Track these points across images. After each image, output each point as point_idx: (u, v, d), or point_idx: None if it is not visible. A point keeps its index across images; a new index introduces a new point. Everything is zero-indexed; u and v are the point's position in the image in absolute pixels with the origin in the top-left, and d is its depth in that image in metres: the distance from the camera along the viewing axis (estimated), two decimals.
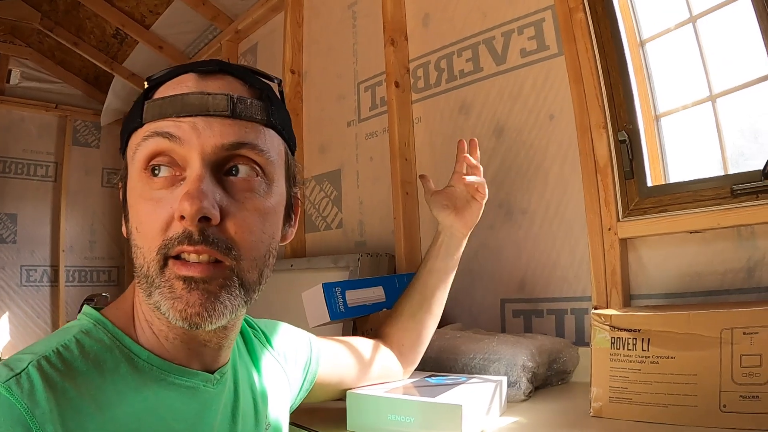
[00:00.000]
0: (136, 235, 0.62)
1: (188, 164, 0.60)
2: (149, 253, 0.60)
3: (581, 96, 1.39)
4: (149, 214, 0.60)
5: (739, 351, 0.85)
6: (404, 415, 0.93)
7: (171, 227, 0.59)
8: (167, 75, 0.66)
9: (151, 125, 0.62)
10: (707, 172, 1.28)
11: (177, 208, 0.58)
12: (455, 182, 1.23)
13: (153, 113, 0.62)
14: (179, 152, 0.60)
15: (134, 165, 0.63)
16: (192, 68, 0.65)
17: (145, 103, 0.63)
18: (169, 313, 0.59)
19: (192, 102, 0.61)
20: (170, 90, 0.63)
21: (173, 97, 0.62)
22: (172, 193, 0.60)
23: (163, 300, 0.59)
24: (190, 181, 0.59)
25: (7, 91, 4.06)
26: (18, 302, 3.99)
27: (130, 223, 0.64)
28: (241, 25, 2.81)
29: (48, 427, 0.52)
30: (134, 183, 0.63)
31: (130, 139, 0.65)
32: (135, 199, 0.62)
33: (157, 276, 0.60)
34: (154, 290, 0.60)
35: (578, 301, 1.43)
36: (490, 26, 1.68)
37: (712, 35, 1.28)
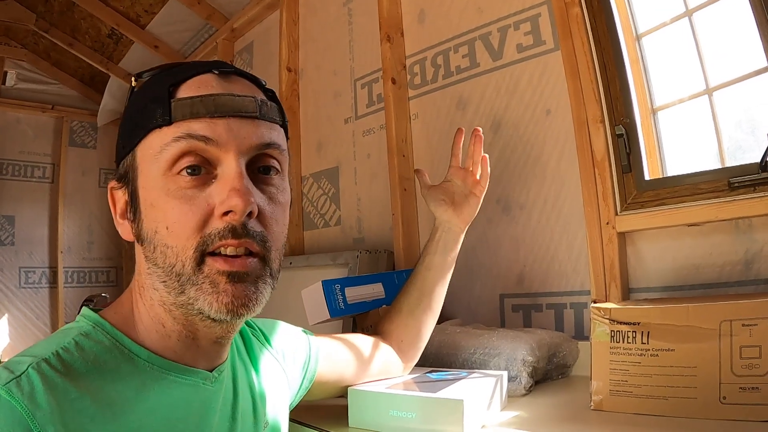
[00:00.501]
0: (164, 234, 0.62)
1: (222, 163, 0.63)
2: (183, 252, 0.61)
3: (578, 90, 1.39)
4: (183, 213, 0.61)
5: (738, 343, 0.86)
6: (406, 411, 0.93)
7: (209, 224, 0.61)
8: (186, 74, 0.65)
9: (181, 125, 0.62)
10: (704, 165, 1.29)
11: (224, 204, 0.61)
12: (452, 176, 1.24)
13: (183, 112, 0.62)
14: (212, 152, 0.62)
15: (157, 164, 0.62)
16: (209, 68, 0.66)
17: (171, 101, 0.63)
18: (211, 306, 0.61)
19: (224, 103, 0.63)
20: (195, 90, 0.64)
21: (205, 98, 0.63)
22: (204, 192, 0.62)
23: (203, 295, 0.62)
24: (232, 178, 0.62)
25: (3, 92, 4.05)
26: (17, 304, 3.99)
27: (150, 223, 0.63)
28: (236, 23, 2.80)
29: (49, 429, 0.52)
30: (156, 182, 0.63)
31: (145, 137, 0.64)
32: (159, 198, 0.62)
33: (194, 273, 0.62)
34: (190, 287, 0.62)
35: (577, 296, 1.43)
36: (487, 22, 1.68)
37: (708, 29, 1.28)
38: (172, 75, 0.66)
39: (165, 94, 0.63)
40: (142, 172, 0.64)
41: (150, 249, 0.64)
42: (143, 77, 0.69)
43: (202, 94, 0.63)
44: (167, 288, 0.63)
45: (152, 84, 0.67)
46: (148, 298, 0.67)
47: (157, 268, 0.63)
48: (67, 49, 3.73)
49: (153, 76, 0.68)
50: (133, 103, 0.67)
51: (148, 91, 0.66)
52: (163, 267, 0.63)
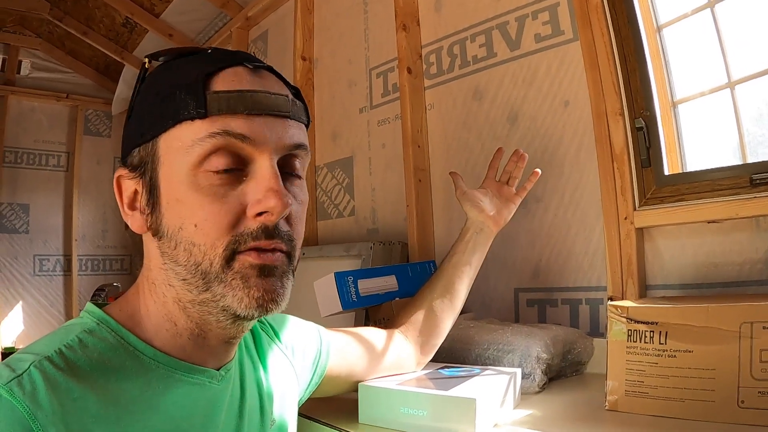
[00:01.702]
0: (191, 231, 0.60)
1: (255, 161, 0.61)
2: (212, 250, 0.60)
3: (597, 82, 1.36)
4: (214, 211, 0.60)
5: (758, 346, 0.83)
6: (417, 408, 0.92)
7: (241, 223, 0.60)
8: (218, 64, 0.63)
9: (217, 120, 0.60)
10: (725, 160, 1.26)
11: (260, 204, 0.60)
12: (488, 186, 1.28)
13: (220, 107, 0.60)
14: (247, 150, 0.61)
15: (187, 157, 0.60)
16: (239, 60, 0.64)
17: (206, 94, 0.60)
18: (241, 302, 0.60)
19: (261, 100, 0.61)
20: (229, 83, 0.61)
21: (242, 93, 0.61)
22: (236, 190, 0.61)
23: (232, 291, 0.60)
24: (268, 178, 0.60)
25: (18, 81, 4.07)
26: (31, 292, 4.03)
27: (174, 218, 0.61)
28: (251, 12, 2.79)
29: (51, 430, 0.51)
30: (183, 176, 0.60)
31: (173, 127, 0.61)
32: (187, 194, 0.60)
33: (222, 270, 0.60)
34: (217, 284, 0.61)
35: (593, 291, 1.41)
36: (504, 11, 1.65)
37: (730, 20, 1.25)
38: (201, 63, 0.63)
39: (199, 84, 0.60)
40: (165, 164, 0.62)
41: (170, 245, 0.62)
42: (159, 60, 0.66)
43: (240, 89, 0.61)
44: (187, 285, 0.62)
45: (179, 70, 0.64)
46: (160, 295, 0.65)
47: (176, 265, 0.62)
48: (82, 38, 3.74)
49: (172, 60, 0.66)
50: (154, 88, 0.64)
51: (175, 77, 0.63)
52: (186, 265, 0.61)
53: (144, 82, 0.66)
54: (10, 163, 4.01)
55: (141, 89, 0.66)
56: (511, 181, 1.29)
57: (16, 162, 4.03)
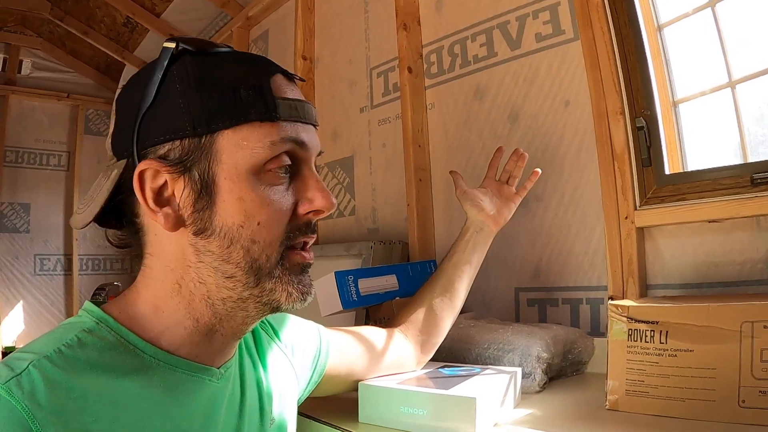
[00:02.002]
0: (254, 229, 0.62)
1: (303, 165, 0.67)
2: (271, 246, 0.63)
3: (598, 81, 1.36)
4: (277, 210, 0.64)
5: (759, 345, 0.83)
6: (417, 408, 0.92)
7: (292, 220, 0.65)
8: (266, 70, 0.66)
9: (287, 126, 0.64)
10: (726, 160, 1.26)
11: (314, 204, 0.66)
12: (487, 186, 1.28)
13: (288, 113, 0.64)
14: (300, 154, 0.66)
15: (254, 158, 0.62)
16: (279, 69, 0.67)
17: (276, 98, 0.63)
18: (290, 296, 0.65)
19: (308, 110, 0.67)
20: (283, 91, 0.65)
21: (299, 103, 0.66)
22: (288, 189, 0.65)
23: (281, 286, 0.65)
24: (317, 180, 0.67)
25: (19, 81, 4.08)
26: (32, 291, 4.03)
27: (234, 216, 0.62)
28: (251, 11, 2.78)
29: (50, 429, 0.51)
30: (247, 175, 0.62)
31: (237, 126, 0.61)
32: (252, 192, 0.62)
33: (275, 266, 0.64)
34: (268, 280, 0.64)
35: (594, 291, 1.41)
36: (505, 10, 1.65)
37: (731, 20, 1.24)
38: (251, 64, 0.66)
39: (266, 86, 0.63)
40: (224, 161, 0.61)
41: (223, 243, 0.62)
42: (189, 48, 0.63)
43: (295, 98, 0.66)
44: (232, 283, 0.64)
45: (232, 67, 0.63)
46: (187, 294, 0.64)
47: (224, 262, 0.63)
48: (83, 38, 3.74)
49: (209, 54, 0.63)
50: (202, 80, 0.61)
51: (230, 73, 0.62)
52: (237, 262, 0.63)
53: (171, 68, 0.62)
54: (11, 163, 4.01)
55: (172, 75, 0.62)
56: (511, 180, 1.29)
57: (17, 161, 4.03)
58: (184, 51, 0.63)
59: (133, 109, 0.62)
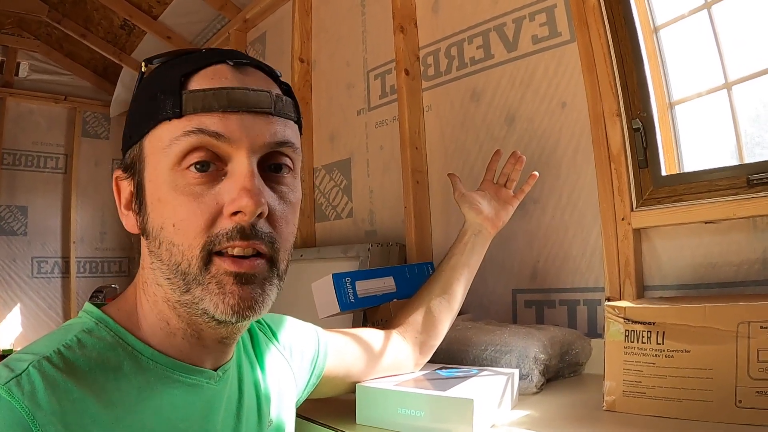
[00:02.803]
0: (171, 231, 0.60)
1: (233, 159, 0.60)
2: (190, 251, 0.60)
3: (594, 83, 1.36)
4: (191, 211, 0.59)
5: (755, 345, 0.83)
6: (414, 409, 0.92)
7: (217, 223, 0.59)
8: (199, 64, 0.63)
9: (193, 119, 0.59)
10: (722, 161, 1.26)
11: (233, 204, 0.58)
12: (485, 188, 1.29)
13: (195, 105, 0.59)
14: (223, 148, 0.60)
15: (166, 157, 0.60)
16: (223, 58, 0.63)
17: (182, 93, 0.60)
18: (217, 307, 0.60)
19: (238, 97, 0.60)
20: (208, 82, 0.61)
21: (218, 91, 0.60)
22: (213, 189, 0.60)
23: (209, 296, 0.60)
24: (243, 176, 0.59)
25: (16, 83, 4.07)
26: (29, 294, 4.02)
27: (156, 218, 0.61)
28: (249, 14, 2.79)
29: (50, 430, 0.51)
30: (164, 176, 0.60)
31: (154, 128, 0.61)
32: (167, 193, 0.60)
33: (200, 273, 0.60)
34: (195, 287, 0.60)
35: (591, 292, 1.41)
36: (501, 12, 1.65)
37: (727, 21, 1.25)
38: (184, 64, 0.63)
39: (176, 84, 0.60)
40: (149, 165, 0.62)
41: (155, 245, 0.62)
42: (153, 63, 0.66)
43: (215, 87, 0.60)
44: (172, 285, 0.61)
45: (163, 72, 0.64)
46: (151, 294, 0.65)
47: (161, 264, 0.62)
48: (80, 40, 3.74)
49: (164, 63, 0.65)
50: (143, 91, 0.65)
51: (159, 79, 0.63)
52: (168, 264, 0.61)
53: (139, 85, 0.67)
54: (8, 165, 4.01)
55: (135, 93, 0.67)
56: (509, 183, 1.30)
57: (15, 164, 4.03)
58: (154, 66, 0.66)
59: None
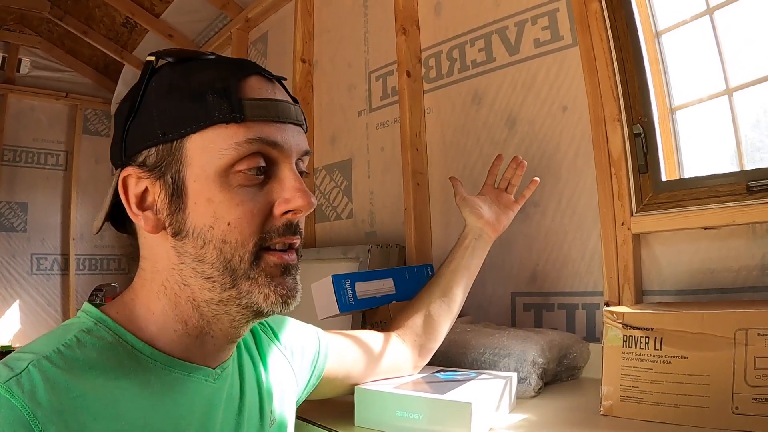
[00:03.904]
0: (224, 229, 0.62)
1: (280, 164, 0.66)
2: (243, 247, 0.63)
3: (595, 87, 1.37)
4: (248, 210, 0.63)
5: (753, 352, 0.84)
6: (413, 412, 0.92)
7: (268, 221, 0.64)
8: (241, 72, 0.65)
9: (254, 126, 0.63)
10: (722, 167, 1.26)
11: (290, 203, 0.65)
12: (486, 193, 1.30)
13: (255, 113, 0.63)
14: (275, 155, 0.65)
15: (220, 159, 0.62)
16: (256, 70, 0.67)
17: (241, 99, 0.63)
18: (267, 298, 0.64)
19: (285, 110, 0.66)
20: (257, 92, 0.65)
21: (272, 102, 0.65)
22: (263, 190, 0.65)
23: (258, 288, 0.64)
24: (294, 180, 0.66)
25: (17, 80, 4.08)
26: (28, 290, 4.02)
27: (204, 217, 0.63)
28: (251, 13, 2.79)
29: (50, 428, 0.52)
30: (214, 177, 0.62)
31: (204, 129, 0.62)
32: (219, 193, 0.63)
33: (250, 267, 0.64)
34: (244, 281, 0.64)
35: (589, 296, 1.41)
36: (504, 15, 1.65)
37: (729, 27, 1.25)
38: (221, 68, 0.65)
39: (231, 89, 0.63)
40: (193, 164, 0.63)
41: (197, 244, 0.63)
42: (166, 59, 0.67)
43: (269, 98, 0.65)
44: (211, 284, 0.64)
45: (203, 73, 0.64)
46: (171, 296, 0.66)
47: (201, 263, 0.63)
48: (82, 37, 3.74)
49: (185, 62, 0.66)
50: (172, 88, 0.64)
51: (200, 79, 0.64)
52: (213, 262, 0.63)
53: (151, 80, 0.66)
54: (9, 162, 4.01)
55: (151, 87, 0.65)
56: (510, 188, 1.31)
57: (15, 160, 4.03)
58: (166, 63, 0.67)
59: (122, 121, 0.67)
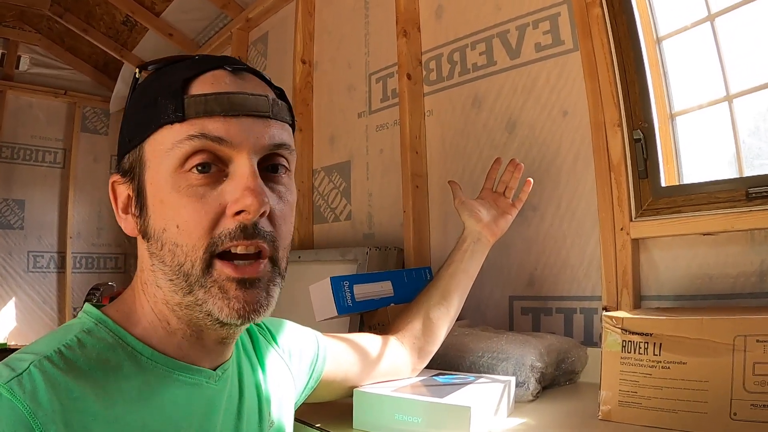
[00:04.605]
0: (174, 232, 0.61)
1: (234, 161, 0.62)
2: (194, 252, 0.61)
3: (596, 92, 1.37)
4: (194, 212, 0.61)
5: (751, 359, 0.84)
6: (411, 415, 0.93)
7: (220, 224, 0.61)
8: (197, 69, 0.64)
9: (195, 123, 0.61)
10: (722, 173, 1.27)
11: (237, 203, 0.60)
12: (485, 197, 1.31)
13: (197, 110, 0.61)
14: (225, 151, 0.62)
15: (168, 160, 0.61)
16: (221, 64, 0.65)
17: (184, 98, 0.61)
18: (222, 311, 0.61)
19: (238, 102, 0.62)
20: (208, 86, 0.63)
21: (219, 95, 0.62)
22: (215, 190, 0.62)
23: (212, 299, 0.62)
24: (245, 177, 0.61)
25: (16, 77, 4.06)
26: (24, 288, 4.01)
27: (159, 220, 0.62)
28: (252, 13, 2.78)
29: (51, 429, 0.52)
30: (166, 179, 0.62)
31: (156, 132, 0.62)
32: (169, 195, 0.61)
33: (203, 275, 0.61)
34: (198, 289, 0.62)
35: (588, 301, 1.41)
36: (505, 19, 1.66)
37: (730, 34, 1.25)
38: (183, 69, 0.65)
39: (178, 89, 0.62)
40: (150, 168, 0.63)
41: (157, 246, 0.63)
42: (148, 69, 0.68)
43: (217, 92, 0.62)
44: (174, 287, 0.63)
45: (162, 77, 0.65)
46: (151, 295, 0.66)
47: (164, 266, 0.63)
48: (81, 35, 3.73)
49: (160, 68, 0.67)
50: (141, 96, 0.66)
51: (158, 84, 0.64)
52: (171, 265, 0.62)
53: (134, 90, 0.68)
54: (6, 159, 3.99)
55: (131, 97, 0.68)
56: (508, 191, 1.31)
57: (13, 157, 4.02)
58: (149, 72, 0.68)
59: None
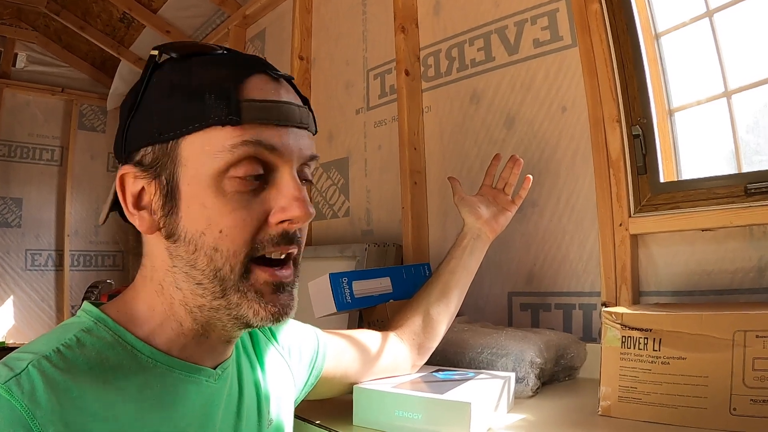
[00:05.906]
0: (215, 237, 0.60)
1: (279, 170, 0.63)
2: (235, 257, 0.61)
3: (595, 88, 1.37)
4: (241, 218, 0.61)
5: (751, 354, 0.84)
6: (412, 412, 0.92)
7: (262, 230, 0.62)
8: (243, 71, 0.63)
9: (250, 129, 0.60)
10: (721, 169, 1.27)
11: (286, 212, 0.62)
12: (484, 193, 1.30)
13: (253, 116, 0.60)
14: (273, 159, 0.62)
15: (214, 162, 0.60)
16: (263, 68, 0.64)
17: (240, 101, 0.60)
18: (257, 314, 0.63)
19: (289, 112, 0.63)
20: (258, 92, 0.62)
21: (274, 104, 0.62)
22: (258, 197, 0.62)
23: (247, 303, 0.62)
24: (293, 187, 0.62)
25: (13, 74, 4.05)
26: (22, 286, 4.01)
27: (196, 223, 0.61)
28: (249, 10, 2.78)
29: (49, 429, 0.52)
30: (208, 181, 0.60)
31: (201, 131, 0.60)
32: (213, 199, 0.60)
33: (240, 280, 0.62)
34: (233, 293, 0.62)
35: (587, 296, 1.41)
36: (503, 15, 1.65)
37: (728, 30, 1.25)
38: (224, 67, 0.63)
39: (231, 90, 0.60)
40: (188, 166, 0.61)
41: (189, 249, 0.62)
42: (170, 54, 0.64)
43: (271, 100, 0.62)
44: (202, 290, 0.62)
45: (204, 71, 0.62)
46: (167, 297, 0.65)
47: (192, 269, 0.62)
48: (78, 33, 3.73)
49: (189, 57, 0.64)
50: (173, 86, 0.62)
51: (200, 78, 0.62)
52: (204, 270, 0.61)
53: (153, 76, 0.64)
54: (3, 157, 3.98)
55: (152, 84, 0.64)
56: (507, 188, 1.31)
57: (10, 155, 4.01)
58: (169, 58, 0.64)
59: (124, 116, 0.65)
